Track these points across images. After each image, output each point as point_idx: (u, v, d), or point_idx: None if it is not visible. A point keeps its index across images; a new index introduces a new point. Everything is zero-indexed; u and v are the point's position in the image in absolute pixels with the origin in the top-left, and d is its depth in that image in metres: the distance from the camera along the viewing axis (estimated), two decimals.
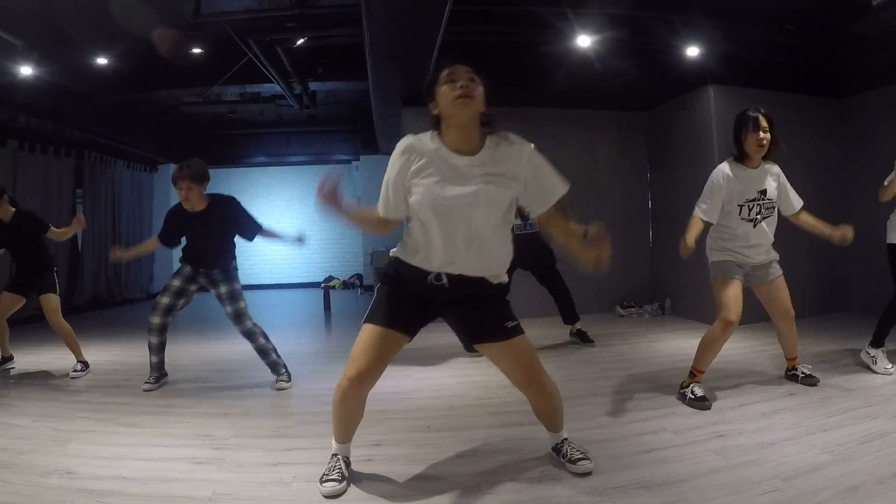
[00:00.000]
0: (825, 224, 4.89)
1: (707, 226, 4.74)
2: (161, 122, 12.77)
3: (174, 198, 15.72)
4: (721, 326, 4.54)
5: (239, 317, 5.46)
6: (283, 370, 5.60)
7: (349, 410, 3.24)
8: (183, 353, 7.25)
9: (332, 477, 3.26)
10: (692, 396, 4.56)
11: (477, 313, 3.22)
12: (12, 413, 4.95)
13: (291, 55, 8.69)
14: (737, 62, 7.83)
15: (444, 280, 3.09)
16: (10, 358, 6.45)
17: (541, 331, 7.75)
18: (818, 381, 4.92)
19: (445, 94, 3.01)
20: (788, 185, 4.93)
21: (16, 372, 6.28)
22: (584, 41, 7.24)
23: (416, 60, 7.25)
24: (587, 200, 9.15)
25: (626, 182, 9.66)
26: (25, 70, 7.98)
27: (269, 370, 5.62)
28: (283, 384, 5.47)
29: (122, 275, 13.51)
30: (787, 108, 8.04)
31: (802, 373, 5.01)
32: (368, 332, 3.13)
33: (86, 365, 6.21)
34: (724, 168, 4.71)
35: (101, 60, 8.06)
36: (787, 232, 7.78)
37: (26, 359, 6.93)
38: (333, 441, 3.40)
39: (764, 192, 4.73)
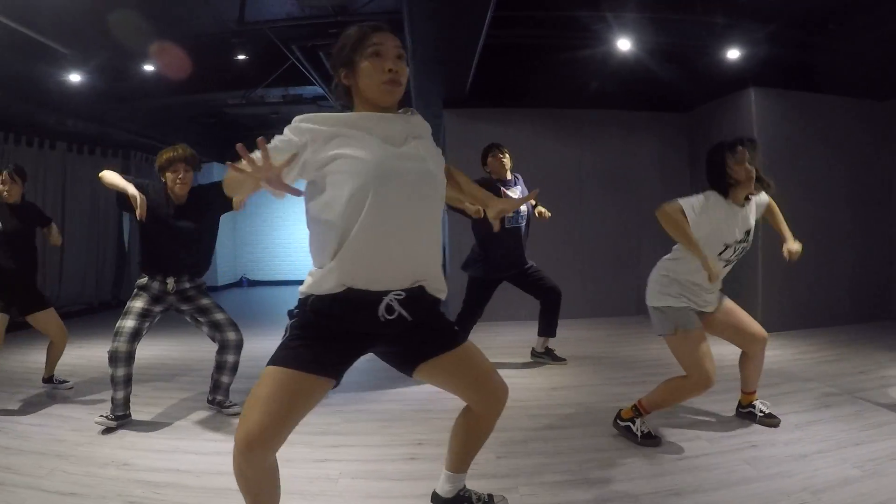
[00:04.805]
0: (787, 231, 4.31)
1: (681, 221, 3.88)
2: (205, 122, 12.97)
3: None
4: (698, 390, 3.96)
5: (234, 323, 4.92)
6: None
7: (251, 485, 2.35)
8: None
9: None
10: (641, 432, 4.07)
11: (417, 329, 2.48)
12: (67, 406, 5.16)
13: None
14: (778, 64, 7.75)
15: (396, 312, 2.36)
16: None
17: (575, 332, 7.86)
18: (779, 422, 4.31)
19: (369, 72, 2.36)
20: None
21: (68, 367, 6.29)
22: (624, 44, 7.27)
23: (457, 64, 7.36)
24: (627, 200, 9.19)
25: (666, 183, 9.51)
26: (74, 77, 8.21)
27: (216, 390, 5.02)
28: (236, 409, 4.89)
29: None
30: (831, 110, 8.04)
31: (761, 411, 4.39)
32: (268, 377, 2.31)
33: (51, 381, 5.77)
34: (719, 198, 3.97)
35: (148, 67, 8.25)
36: (825, 232, 7.84)
37: (77, 352, 7.14)
38: None
39: (748, 232, 4.05)
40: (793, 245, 4.19)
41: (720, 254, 3.94)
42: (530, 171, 8.56)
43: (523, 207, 5.97)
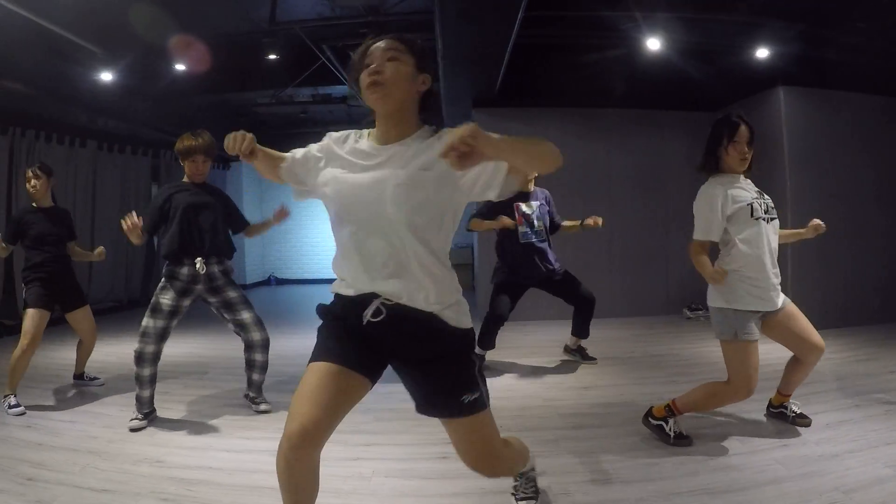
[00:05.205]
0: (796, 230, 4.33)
1: (708, 245, 4.02)
2: (235, 121, 13.05)
3: (246, 192, 16.05)
4: (738, 398, 3.92)
5: (260, 322, 4.94)
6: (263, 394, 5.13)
7: (297, 483, 2.28)
8: None
9: None
10: (674, 433, 4.05)
11: (429, 377, 2.42)
12: (99, 403, 5.24)
13: None
14: (807, 62, 7.68)
15: (383, 313, 2.31)
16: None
17: (605, 331, 7.82)
18: (811, 422, 4.25)
19: (362, 81, 2.34)
20: None
21: (98, 364, 6.34)
22: (653, 44, 7.24)
23: (487, 63, 7.36)
24: (656, 199, 9.16)
25: (695, 182, 9.39)
26: (105, 76, 8.30)
27: (250, 388, 5.09)
28: (266, 406, 4.98)
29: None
30: (861, 108, 7.96)
31: (793, 411, 4.32)
32: (311, 371, 2.33)
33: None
34: (710, 184, 4.04)
35: (178, 66, 8.31)
36: (855, 231, 7.76)
37: (107, 349, 7.20)
38: None
39: (761, 192, 4.02)
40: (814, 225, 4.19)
41: (752, 216, 3.86)
42: (560, 171, 8.54)
43: (536, 222, 6.00)
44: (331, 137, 2.51)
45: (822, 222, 4.17)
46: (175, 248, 4.66)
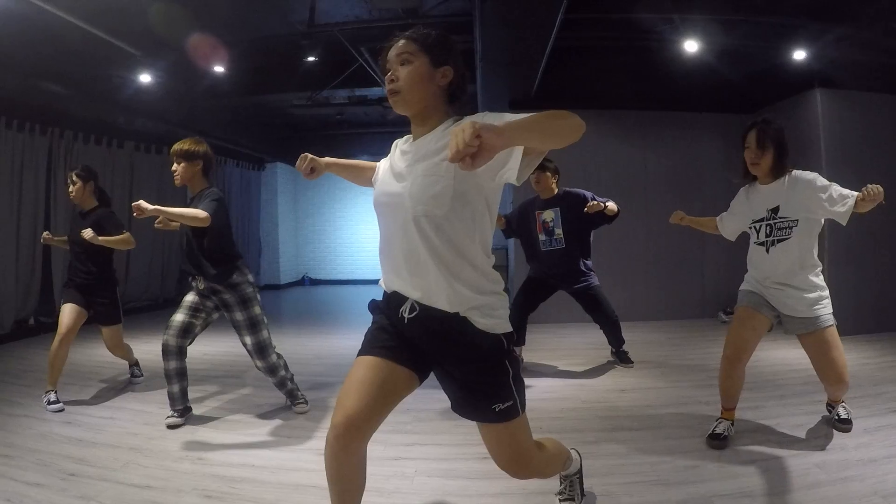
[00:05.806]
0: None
1: (716, 228, 4.73)
2: (270, 123, 13.16)
3: (280, 193, 16.13)
4: (722, 360, 4.09)
5: (262, 350, 4.69)
6: (300, 395, 5.03)
7: (343, 475, 2.35)
8: (297, 347, 7.59)
9: None
10: (710, 431, 4.09)
11: (461, 381, 2.41)
12: (139, 400, 5.31)
13: None
14: (844, 65, 7.61)
15: (417, 310, 2.34)
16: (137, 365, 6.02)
17: (641, 334, 7.81)
18: (851, 428, 4.18)
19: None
20: (829, 190, 3.89)
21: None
22: (691, 46, 7.21)
23: (525, 65, 7.36)
24: (692, 202, 9.09)
25: (731, 184, 9.35)
26: (143, 77, 8.45)
27: (284, 396, 5.05)
28: (304, 408, 4.94)
29: None
30: None
31: (838, 415, 4.28)
32: (357, 364, 2.39)
33: (139, 369, 6.02)
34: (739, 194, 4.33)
35: (217, 68, 8.37)
36: (893, 235, 7.66)
37: (144, 347, 7.23)
38: None
39: (776, 209, 3.97)
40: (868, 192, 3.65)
41: (754, 236, 4.11)
42: (596, 173, 8.54)
43: (558, 230, 5.95)
44: (395, 143, 2.58)
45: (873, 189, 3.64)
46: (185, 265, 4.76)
